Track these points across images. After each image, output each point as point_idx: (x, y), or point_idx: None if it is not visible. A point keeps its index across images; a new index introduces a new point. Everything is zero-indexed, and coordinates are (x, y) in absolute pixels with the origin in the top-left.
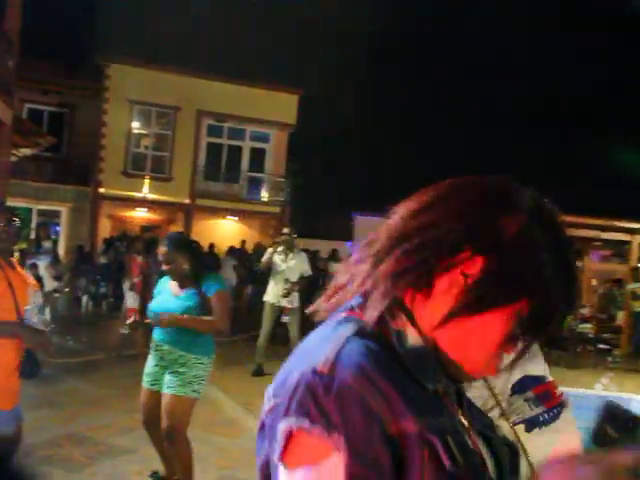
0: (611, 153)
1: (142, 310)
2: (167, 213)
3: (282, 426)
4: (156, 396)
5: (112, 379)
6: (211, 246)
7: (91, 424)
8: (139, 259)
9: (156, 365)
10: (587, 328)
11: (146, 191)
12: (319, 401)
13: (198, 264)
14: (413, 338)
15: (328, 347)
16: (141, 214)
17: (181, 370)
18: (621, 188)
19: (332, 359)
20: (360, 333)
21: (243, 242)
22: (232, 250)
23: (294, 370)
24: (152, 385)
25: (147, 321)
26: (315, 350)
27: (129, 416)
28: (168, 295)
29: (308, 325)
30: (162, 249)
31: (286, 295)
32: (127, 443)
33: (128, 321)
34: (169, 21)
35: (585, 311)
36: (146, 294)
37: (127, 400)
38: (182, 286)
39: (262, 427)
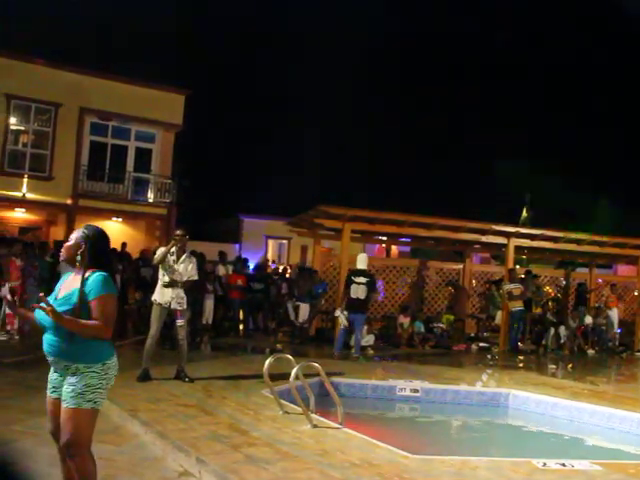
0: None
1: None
2: (47, 214)
3: None
4: (58, 404)
5: None
6: None
7: None
8: (18, 262)
9: (55, 372)
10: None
11: (25, 190)
12: None
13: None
14: None
15: None
16: (19, 215)
17: (72, 380)
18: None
19: None
20: None
21: (124, 245)
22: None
23: None
24: (53, 393)
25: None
26: None
27: (6, 428)
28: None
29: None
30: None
31: (182, 286)
32: None
33: (8, 327)
34: (55, 16)
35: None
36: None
37: (5, 411)
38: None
39: None
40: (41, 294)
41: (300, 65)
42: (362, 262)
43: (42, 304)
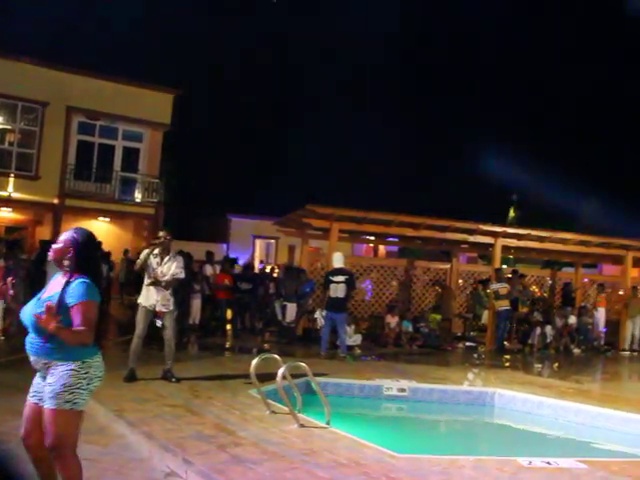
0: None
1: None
2: (34, 214)
3: None
4: (35, 409)
5: None
6: None
7: None
8: (1, 262)
9: (39, 376)
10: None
11: (11, 190)
12: None
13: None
14: None
15: None
16: (5, 214)
17: (50, 381)
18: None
19: None
20: None
21: (100, 243)
22: None
23: None
24: (32, 397)
25: None
26: None
27: None
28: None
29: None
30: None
31: (167, 286)
32: None
33: None
34: (40, 13)
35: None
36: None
37: None
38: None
39: None
40: (48, 303)
41: (293, 64)
42: (338, 261)
43: (41, 313)
